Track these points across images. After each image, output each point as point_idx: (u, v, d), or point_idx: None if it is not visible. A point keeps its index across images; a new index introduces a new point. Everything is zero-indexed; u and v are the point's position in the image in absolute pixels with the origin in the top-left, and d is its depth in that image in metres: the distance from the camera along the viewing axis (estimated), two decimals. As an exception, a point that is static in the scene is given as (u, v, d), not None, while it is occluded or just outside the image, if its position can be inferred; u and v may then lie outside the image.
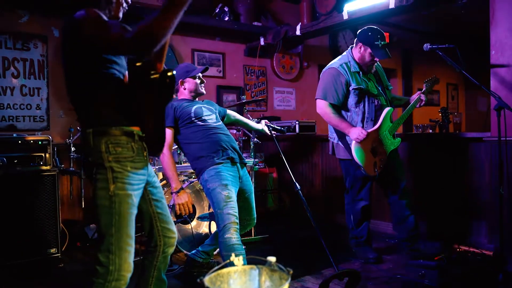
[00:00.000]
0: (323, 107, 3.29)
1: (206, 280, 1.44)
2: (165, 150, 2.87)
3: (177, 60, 5.42)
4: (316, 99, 3.37)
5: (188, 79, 3.08)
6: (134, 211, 1.84)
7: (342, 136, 3.37)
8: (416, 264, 3.31)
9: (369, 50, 3.20)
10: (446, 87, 9.12)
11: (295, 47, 6.10)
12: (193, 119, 2.94)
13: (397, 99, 3.63)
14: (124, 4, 1.97)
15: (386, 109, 3.31)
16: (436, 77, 3.68)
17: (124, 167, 1.80)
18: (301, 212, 5.17)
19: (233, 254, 1.61)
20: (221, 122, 3.07)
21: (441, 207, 4.01)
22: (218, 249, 3.33)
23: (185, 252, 3.57)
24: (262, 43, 5.72)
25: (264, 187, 5.30)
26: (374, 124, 3.32)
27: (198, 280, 1.45)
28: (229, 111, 3.34)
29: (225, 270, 1.57)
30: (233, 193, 2.75)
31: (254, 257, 1.70)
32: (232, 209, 2.68)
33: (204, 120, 2.96)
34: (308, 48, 6.50)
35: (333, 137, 3.49)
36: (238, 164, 2.93)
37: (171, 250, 2.13)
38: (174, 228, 2.14)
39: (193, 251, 3.32)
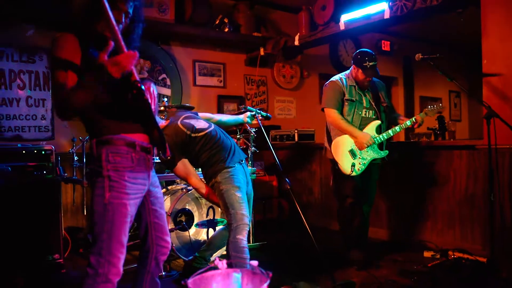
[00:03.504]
0: (332, 114, 3.56)
1: (190, 282, 1.53)
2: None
3: (178, 70, 5.52)
4: (323, 108, 3.63)
5: None
6: (128, 220, 1.90)
7: (329, 139, 3.69)
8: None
9: (360, 70, 3.51)
10: (448, 94, 9.16)
11: (295, 56, 6.18)
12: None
13: (394, 117, 3.77)
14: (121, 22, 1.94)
15: (373, 122, 3.57)
16: (443, 106, 3.61)
17: (121, 177, 1.87)
18: (301, 220, 5.26)
19: (216, 258, 1.70)
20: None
21: (436, 215, 4.07)
22: (215, 254, 3.40)
23: (183, 258, 3.64)
24: (262, 53, 5.83)
25: (263, 195, 5.36)
26: None
27: (182, 282, 1.54)
28: (201, 114, 3.33)
29: (209, 273, 1.66)
30: (245, 196, 2.87)
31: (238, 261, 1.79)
32: (246, 210, 2.79)
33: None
34: (308, 57, 6.57)
35: (325, 140, 3.77)
36: (244, 162, 3.06)
37: (164, 258, 2.19)
38: (168, 238, 2.20)
39: (190, 257, 3.40)
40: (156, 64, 5.36)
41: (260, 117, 3.36)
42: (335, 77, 3.67)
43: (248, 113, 3.37)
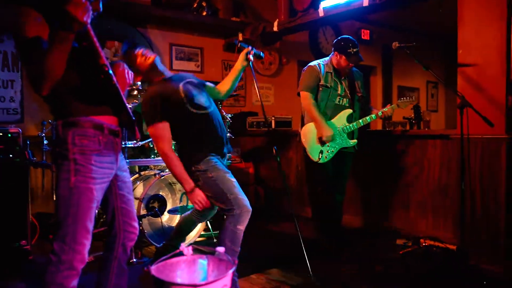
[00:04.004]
0: (306, 98, 3.56)
1: (153, 269, 1.49)
2: (168, 149, 2.62)
3: None
4: (299, 92, 3.62)
5: None
6: (94, 205, 1.87)
7: (303, 125, 3.69)
8: None
9: (343, 57, 3.53)
10: (426, 85, 9.25)
11: (273, 43, 6.15)
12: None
13: (368, 109, 3.80)
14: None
15: (345, 110, 3.61)
16: (415, 99, 3.72)
17: (88, 160, 1.83)
18: (277, 207, 5.28)
19: (182, 244, 1.66)
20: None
21: (410, 204, 4.11)
22: (187, 241, 3.37)
23: (155, 244, 3.61)
24: (240, 38, 5.76)
25: (239, 182, 5.27)
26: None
27: (145, 269, 1.50)
28: (210, 85, 3.06)
29: (174, 259, 1.63)
30: None
31: (203, 248, 1.76)
32: (245, 196, 2.61)
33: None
34: (288, 44, 6.54)
35: (299, 126, 3.78)
36: (224, 159, 2.84)
37: (131, 244, 2.16)
38: (136, 224, 2.16)
39: (161, 244, 3.36)
40: None
41: (253, 54, 2.92)
42: (314, 62, 3.68)
43: (244, 55, 2.91)
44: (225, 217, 2.61)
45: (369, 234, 4.19)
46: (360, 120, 3.56)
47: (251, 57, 2.87)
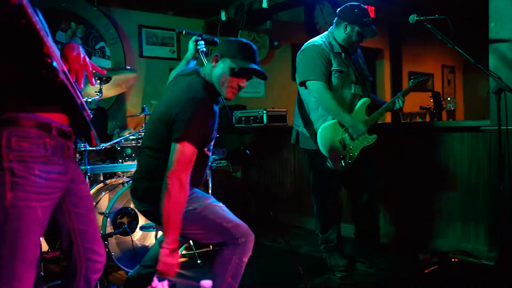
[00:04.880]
0: (321, 89, 3.24)
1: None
2: (187, 182, 2.25)
3: (120, 38, 5.22)
4: (305, 81, 3.31)
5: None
6: (39, 229, 1.68)
7: (308, 123, 3.43)
8: None
9: (356, 28, 3.29)
10: (441, 70, 9.17)
11: (262, 23, 6.05)
12: None
13: (375, 101, 3.67)
14: None
15: (362, 100, 3.39)
16: (426, 76, 3.62)
17: (29, 170, 1.61)
18: (270, 218, 5.08)
19: (155, 279, 1.43)
20: None
21: (433, 210, 3.94)
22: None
23: (124, 269, 3.43)
24: (223, 18, 5.66)
25: (226, 188, 5.17)
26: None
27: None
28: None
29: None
30: None
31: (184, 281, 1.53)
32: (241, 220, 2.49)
33: None
34: (279, 24, 6.44)
35: (298, 124, 3.52)
36: None
37: (96, 276, 1.97)
38: (101, 250, 1.97)
39: (134, 269, 3.12)
40: (91, 30, 5.10)
41: (202, 44, 2.66)
42: (315, 41, 3.38)
43: (193, 45, 2.69)
44: (223, 249, 2.43)
45: (385, 247, 3.97)
46: (380, 110, 3.39)
47: (201, 47, 2.65)
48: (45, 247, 3.98)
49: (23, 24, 1.51)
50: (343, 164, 3.34)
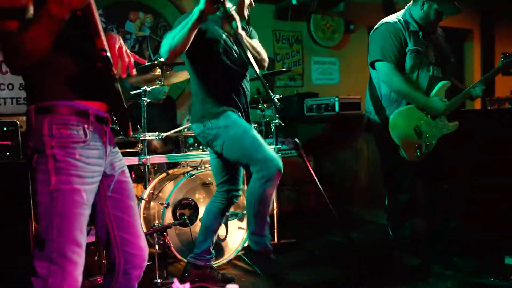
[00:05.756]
0: (389, 72, 3.10)
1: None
2: None
3: None
4: (373, 61, 3.18)
5: None
6: (84, 212, 1.70)
7: (380, 108, 3.25)
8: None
9: (434, 6, 3.09)
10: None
11: (335, 5, 5.91)
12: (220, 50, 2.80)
13: (455, 84, 3.42)
14: None
15: (442, 82, 3.17)
16: None
17: (71, 155, 1.67)
18: (345, 212, 4.92)
19: (175, 280, 1.31)
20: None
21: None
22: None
23: (185, 261, 3.33)
24: (294, 1, 5.54)
25: (296, 180, 5.02)
26: None
27: None
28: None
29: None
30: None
31: None
32: (273, 153, 2.83)
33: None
34: (354, 6, 6.27)
35: (369, 110, 3.37)
36: None
37: (138, 273, 1.89)
38: (141, 242, 1.89)
39: (191, 255, 3.16)
40: (159, 19, 5.14)
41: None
42: (389, 19, 3.20)
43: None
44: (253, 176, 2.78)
45: (464, 248, 3.60)
46: (462, 94, 3.16)
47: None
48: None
49: (83, 16, 1.60)
50: (418, 154, 3.13)
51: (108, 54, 1.67)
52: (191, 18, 2.48)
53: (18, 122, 3.35)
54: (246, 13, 2.86)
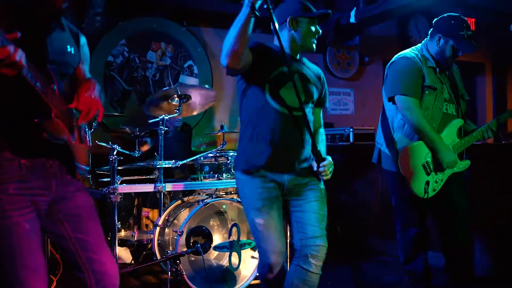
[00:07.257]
0: (412, 106, 2.96)
1: None
2: None
3: (208, 56, 5.30)
4: (393, 96, 3.05)
5: (301, 18, 2.42)
6: (30, 238, 1.66)
7: (390, 142, 3.15)
8: None
9: (451, 42, 3.01)
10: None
11: (351, 38, 5.94)
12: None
13: (467, 123, 3.31)
14: None
15: (455, 120, 3.10)
16: None
17: (4, 191, 1.63)
18: (359, 243, 4.83)
19: None
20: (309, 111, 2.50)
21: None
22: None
23: None
24: None
25: None
26: None
27: None
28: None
29: None
30: (274, 218, 2.50)
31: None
32: (272, 239, 2.50)
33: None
34: (369, 39, 6.27)
35: (380, 142, 3.27)
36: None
37: None
38: (109, 259, 1.86)
39: None
40: (180, 49, 5.18)
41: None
42: (408, 53, 3.09)
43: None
44: None
45: (482, 282, 3.57)
46: (475, 133, 3.08)
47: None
48: (128, 258, 4.04)
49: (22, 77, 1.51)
50: (428, 191, 3.01)
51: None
52: (242, 12, 2.11)
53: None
54: None
